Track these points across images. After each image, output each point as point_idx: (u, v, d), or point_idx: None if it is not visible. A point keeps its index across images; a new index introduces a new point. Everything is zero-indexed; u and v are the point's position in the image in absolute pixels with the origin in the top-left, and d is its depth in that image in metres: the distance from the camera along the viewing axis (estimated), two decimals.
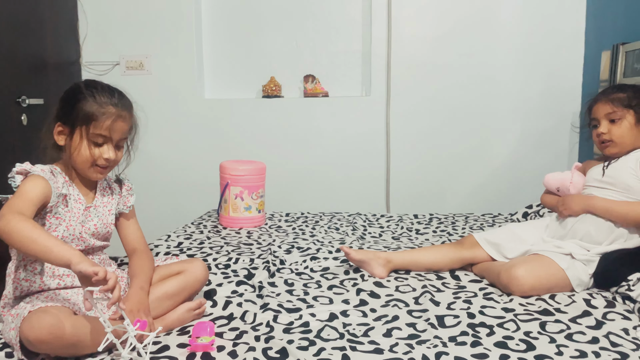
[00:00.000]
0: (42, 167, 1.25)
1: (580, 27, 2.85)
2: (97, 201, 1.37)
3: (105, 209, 1.38)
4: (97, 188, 1.39)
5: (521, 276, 1.49)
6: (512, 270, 1.51)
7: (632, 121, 1.67)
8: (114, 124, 1.28)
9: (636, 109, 1.67)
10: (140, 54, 3.07)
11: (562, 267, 1.52)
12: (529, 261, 1.56)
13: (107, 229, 1.38)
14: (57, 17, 2.88)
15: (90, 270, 1.01)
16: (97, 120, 1.26)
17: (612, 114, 1.69)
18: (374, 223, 2.47)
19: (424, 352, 1.16)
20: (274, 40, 3.08)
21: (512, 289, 1.50)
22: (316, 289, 1.59)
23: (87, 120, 1.26)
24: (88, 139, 1.27)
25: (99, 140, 1.28)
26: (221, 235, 2.23)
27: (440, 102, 2.97)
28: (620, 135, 1.68)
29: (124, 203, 1.45)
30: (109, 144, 1.29)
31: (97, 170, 1.31)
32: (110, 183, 1.44)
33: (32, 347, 1.05)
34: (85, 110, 1.26)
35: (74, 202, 1.30)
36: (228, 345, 1.20)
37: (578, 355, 1.15)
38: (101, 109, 1.26)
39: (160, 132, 3.08)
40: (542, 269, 1.52)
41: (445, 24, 2.92)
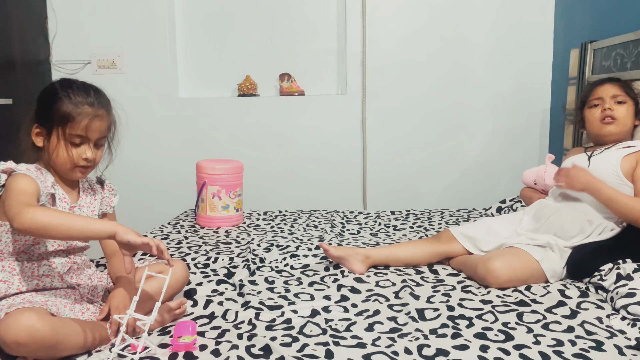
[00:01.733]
0: (27, 167, 1.22)
1: (549, 26, 2.92)
2: (81, 201, 1.34)
3: (89, 210, 1.36)
4: (81, 189, 1.36)
5: (497, 268, 1.52)
6: (488, 263, 1.55)
7: (632, 110, 1.77)
8: (91, 123, 1.25)
9: (636, 102, 1.78)
10: (112, 53, 3.02)
11: (536, 258, 1.56)
12: (504, 254, 1.59)
13: None
14: (25, 14, 2.80)
15: (139, 242, 1.10)
16: (73, 121, 1.23)
17: (619, 96, 1.77)
18: (351, 220, 2.49)
19: (406, 345, 1.18)
20: (249, 39, 3.06)
21: (489, 281, 1.53)
22: (297, 285, 1.59)
23: (63, 121, 1.23)
24: (65, 140, 1.24)
25: (77, 141, 1.26)
26: (199, 235, 2.21)
27: (414, 100, 3.00)
28: (624, 116, 1.76)
29: (107, 204, 1.42)
30: (87, 144, 1.27)
31: (78, 170, 1.28)
32: (91, 184, 1.41)
33: (9, 350, 1.02)
34: (61, 111, 1.23)
35: (59, 202, 1.27)
36: (210, 344, 1.19)
37: (555, 344, 1.18)
38: (77, 109, 1.24)
39: (134, 132, 3.02)
40: (517, 261, 1.56)
41: (418, 23, 2.96)
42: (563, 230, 1.67)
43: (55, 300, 1.18)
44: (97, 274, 1.38)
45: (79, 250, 1.33)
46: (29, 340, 1.00)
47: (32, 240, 1.22)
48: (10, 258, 1.21)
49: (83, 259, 1.35)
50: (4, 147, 2.42)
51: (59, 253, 1.28)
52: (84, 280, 1.31)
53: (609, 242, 1.61)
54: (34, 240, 1.22)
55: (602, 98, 1.79)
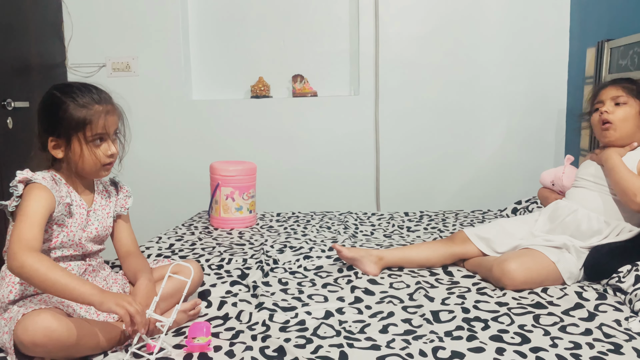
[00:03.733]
0: (43, 175, 1.22)
1: (565, 24, 2.89)
2: (96, 204, 1.35)
3: (104, 212, 1.37)
4: (95, 191, 1.37)
5: (513, 270, 1.51)
6: (504, 264, 1.53)
7: (636, 110, 1.71)
8: (107, 119, 1.27)
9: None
10: (126, 56, 3.05)
11: (552, 260, 1.54)
12: (520, 255, 1.57)
13: (106, 231, 1.37)
14: (42, 18, 2.84)
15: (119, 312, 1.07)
16: (90, 123, 1.24)
17: (618, 97, 1.72)
18: (365, 221, 2.48)
19: (421, 347, 1.17)
20: (262, 40, 3.07)
21: (505, 282, 1.51)
22: (310, 287, 1.59)
23: (80, 126, 1.24)
24: (88, 143, 1.25)
25: (98, 141, 1.27)
26: (213, 236, 2.22)
27: (428, 100, 2.98)
28: (622, 118, 1.71)
29: (122, 205, 1.43)
30: (107, 141, 1.28)
31: (104, 169, 1.30)
32: (105, 186, 1.42)
33: (26, 351, 1.03)
34: (75, 117, 1.23)
35: (76, 208, 1.28)
36: (225, 345, 1.19)
37: (572, 347, 1.16)
38: (90, 111, 1.24)
39: (148, 134, 3.05)
40: (533, 262, 1.54)
41: (431, 23, 2.94)
42: (579, 231, 1.65)
43: (71, 302, 1.19)
44: (112, 275, 1.39)
45: (94, 253, 1.34)
46: (45, 341, 1.02)
47: (48, 246, 1.23)
48: None
49: (98, 261, 1.36)
50: (22, 149, 2.46)
51: (75, 257, 1.29)
52: (100, 282, 1.32)
53: (627, 244, 1.58)
54: (50, 247, 1.23)
55: (603, 101, 1.75)
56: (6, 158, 2.41)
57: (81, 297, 1.08)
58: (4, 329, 1.11)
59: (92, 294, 1.08)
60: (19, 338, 1.02)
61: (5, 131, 2.46)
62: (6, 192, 1.32)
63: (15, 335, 1.02)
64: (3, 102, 2.45)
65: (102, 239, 1.37)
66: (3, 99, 2.45)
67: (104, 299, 1.08)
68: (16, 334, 1.02)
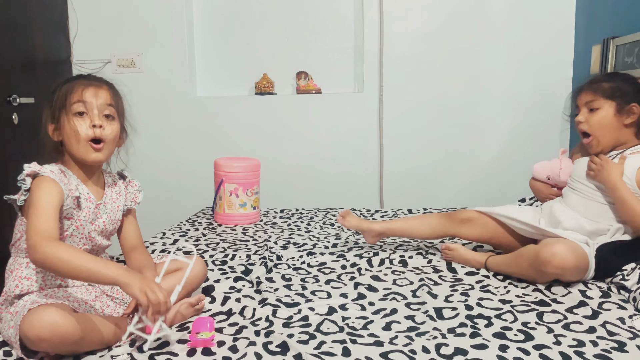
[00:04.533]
0: (51, 168, 1.22)
1: (570, 21, 2.87)
2: (106, 198, 1.35)
3: (114, 205, 1.37)
4: (105, 185, 1.37)
5: (564, 252, 1.44)
6: (554, 246, 1.46)
7: (611, 112, 1.62)
8: (86, 89, 1.26)
9: (618, 100, 1.62)
10: (131, 52, 3.05)
11: (586, 251, 1.51)
12: (564, 242, 1.50)
13: (114, 225, 1.37)
14: (47, 15, 2.85)
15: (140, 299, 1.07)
16: (71, 93, 1.25)
17: (591, 102, 1.65)
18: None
19: (424, 344, 1.17)
20: (266, 37, 3.07)
21: (555, 263, 1.44)
22: (314, 283, 1.59)
23: (63, 99, 1.25)
24: (70, 114, 1.24)
25: (80, 109, 1.25)
26: (216, 232, 2.23)
27: (432, 98, 2.98)
28: (598, 125, 1.64)
29: (133, 199, 1.44)
30: (92, 112, 1.26)
31: (92, 146, 1.26)
32: (115, 179, 1.42)
33: (32, 345, 1.04)
34: (60, 93, 1.26)
35: (84, 201, 1.28)
36: (228, 341, 1.20)
37: (576, 345, 1.16)
38: (72, 85, 1.27)
39: (152, 131, 3.06)
40: (577, 249, 1.48)
41: (436, 20, 2.93)
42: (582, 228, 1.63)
43: (77, 297, 1.20)
44: None
45: (102, 249, 1.35)
46: (51, 336, 1.02)
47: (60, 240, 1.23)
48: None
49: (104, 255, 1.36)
50: (28, 145, 2.47)
51: None
52: None
53: (632, 242, 1.58)
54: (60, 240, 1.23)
55: (579, 107, 1.70)
56: (12, 153, 2.42)
57: (108, 278, 1.09)
58: (9, 323, 1.11)
59: (118, 274, 1.09)
60: (24, 333, 1.02)
61: (11, 127, 2.47)
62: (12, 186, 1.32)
63: (21, 329, 1.03)
64: (9, 98, 2.46)
65: (110, 233, 1.37)
66: (9, 95, 2.46)
67: (130, 280, 1.08)
68: (22, 328, 1.03)
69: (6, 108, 2.46)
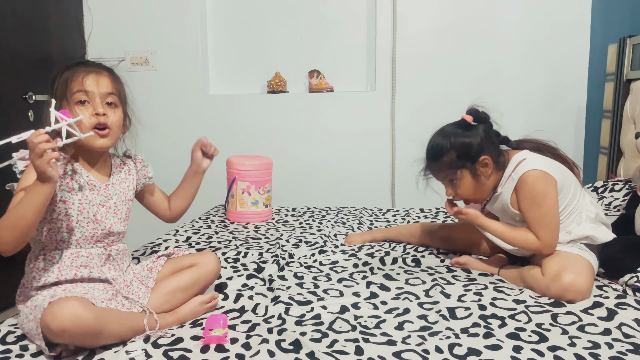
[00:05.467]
0: None
1: (586, 20, 2.84)
2: (113, 179, 1.36)
3: (123, 185, 1.38)
4: (113, 166, 1.38)
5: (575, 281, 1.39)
6: (561, 279, 1.39)
7: (469, 177, 1.59)
8: (87, 77, 1.25)
9: (467, 165, 1.57)
10: (145, 50, 3.07)
11: (585, 257, 1.48)
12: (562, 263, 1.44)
13: (126, 205, 1.37)
14: (63, 13, 2.88)
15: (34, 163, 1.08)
16: (72, 82, 1.24)
17: (447, 177, 1.62)
18: (380, 217, 2.47)
19: (437, 344, 1.17)
20: (279, 36, 3.07)
21: (571, 297, 1.39)
22: (326, 282, 1.59)
23: (64, 87, 1.25)
24: (72, 103, 1.24)
25: (81, 97, 1.25)
26: (229, 230, 2.24)
27: (445, 96, 2.96)
28: (467, 192, 1.61)
29: (144, 175, 1.46)
30: (94, 100, 1.26)
31: (97, 134, 1.26)
32: (123, 159, 1.43)
33: (54, 337, 1.05)
34: (61, 80, 1.26)
35: (84, 184, 1.28)
36: (241, 338, 1.20)
37: (591, 347, 1.15)
38: (73, 73, 1.26)
39: (165, 128, 3.08)
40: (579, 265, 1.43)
41: (450, 18, 2.92)
42: None
43: (93, 293, 1.21)
44: (132, 266, 1.41)
45: (116, 235, 1.34)
46: (72, 327, 1.03)
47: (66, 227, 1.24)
48: (51, 246, 1.25)
49: (120, 248, 1.37)
50: None
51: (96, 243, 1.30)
52: (120, 274, 1.34)
53: None
54: (67, 226, 1.25)
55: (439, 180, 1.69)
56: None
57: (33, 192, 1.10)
58: (28, 317, 1.13)
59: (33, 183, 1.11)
60: (46, 324, 1.03)
61: (27, 124, 2.50)
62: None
63: (43, 321, 1.04)
64: (25, 96, 2.49)
65: (125, 216, 1.37)
66: (25, 93, 2.50)
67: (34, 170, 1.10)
68: (44, 320, 1.04)
69: (22, 105, 2.49)
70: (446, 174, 1.62)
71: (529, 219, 1.52)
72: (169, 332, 1.22)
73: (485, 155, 1.57)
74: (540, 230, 1.50)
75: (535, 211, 1.51)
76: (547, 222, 1.50)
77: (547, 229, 1.50)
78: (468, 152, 1.57)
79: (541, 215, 1.50)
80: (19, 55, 2.50)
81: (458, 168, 1.58)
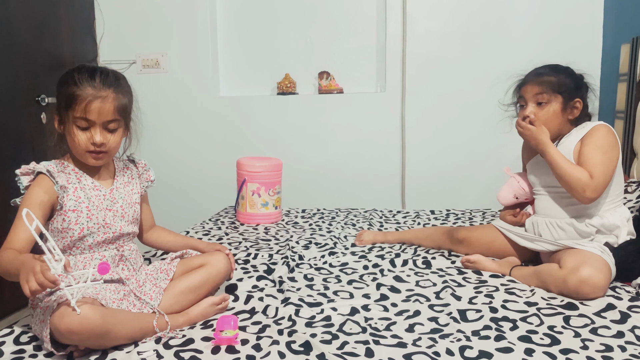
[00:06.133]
0: (49, 164, 1.27)
1: (598, 20, 2.82)
2: (117, 183, 1.37)
3: (127, 189, 1.39)
4: (116, 170, 1.40)
5: (593, 275, 1.38)
6: (579, 272, 1.39)
7: (558, 108, 1.65)
8: (90, 105, 1.23)
9: (565, 95, 1.64)
10: (156, 53, 3.10)
11: (604, 258, 1.46)
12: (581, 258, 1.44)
13: (133, 208, 1.39)
14: (74, 16, 2.91)
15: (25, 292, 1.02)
16: (75, 104, 1.23)
17: (539, 95, 1.65)
18: (390, 219, 2.47)
19: (448, 346, 1.16)
20: (288, 37, 3.08)
21: (587, 291, 1.38)
22: (336, 283, 1.59)
23: (68, 104, 1.24)
24: (73, 124, 1.25)
25: (83, 124, 1.25)
26: (239, 232, 2.24)
27: (455, 97, 2.95)
28: (546, 120, 1.65)
29: (146, 179, 1.47)
30: (95, 128, 1.25)
31: (91, 156, 1.27)
32: (126, 164, 1.45)
33: (62, 338, 1.06)
34: (66, 94, 1.24)
35: (90, 191, 1.30)
36: (252, 339, 1.21)
37: (604, 350, 1.14)
38: (78, 91, 1.23)
39: (176, 130, 3.10)
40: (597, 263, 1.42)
41: (460, 19, 2.90)
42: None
43: (105, 294, 1.22)
44: (144, 267, 1.42)
45: (127, 236, 1.36)
46: (81, 329, 1.04)
47: (78, 235, 1.26)
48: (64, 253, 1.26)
49: (132, 248, 1.38)
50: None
51: (108, 245, 1.31)
52: (133, 274, 1.35)
53: None
54: (79, 235, 1.26)
55: (525, 98, 1.69)
56: (40, 152, 2.48)
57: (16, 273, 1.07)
58: (40, 317, 1.14)
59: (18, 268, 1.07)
60: (55, 326, 1.05)
61: (39, 126, 2.52)
62: None
63: (52, 323, 1.05)
64: (37, 98, 2.52)
65: (133, 218, 1.39)
66: (37, 95, 2.52)
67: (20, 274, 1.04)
68: (52, 321, 1.05)
69: (35, 108, 2.52)
70: (543, 91, 1.65)
71: (590, 159, 1.56)
72: (179, 333, 1.23)
73: (580, 100, 1.66)
74: (596, 169, 1.54)
75: (598, 154, 1.56)
76: (605, 167, 1.55)
77: (603, 173, 1.54)
78: (572, 86, 1.66)
79: (603, 159, 1.56)
80: (31, 58, 2.52)
81: (556, 92, 1.64)
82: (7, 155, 2.34)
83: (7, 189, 2.26)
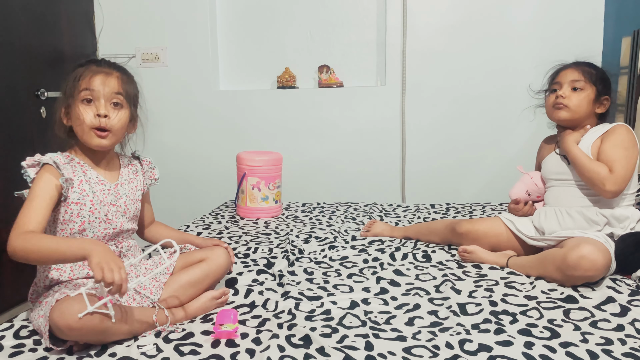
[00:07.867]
0: (55, 155, 1.26)
1: (599, 12, 2.80)
2: (122, 179, 1.37)
3: (132, 185, 1.39)
4: (121, 166, 1.40)
5: (593, 253, 1.40)
6: (582, 248, 1.42)
7: (591, 96, 1.71)
8: (94, 76, 1.26)
9: (599, 88, 1.71)
10: (155, 47, 3.08)
11: (608, 249, 1.48)
12: (588, 240, 1.46)
13: (135, 205, 1.39)
14: (74, 10, 2.89)
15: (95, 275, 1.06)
16: (81, 80, 1.26)
17: (577, 82, 1.71)
18: (390, 213, 2.47)
19: (447, 340, 1.16)
20: (288, 31, 3.07)
21: (585, 266, 1.40)
22: (336, 277, 1.59)
23: (74, 84, 1.26)
24: (77, 101, 1.26)
25: (87, 96, 1.26)
26: (239, 226, 2.24)
27: (455, 91, 2.94)
28: (578, 104, 1.71)
29: (150, 177, 1.47)
30: (99, 101, 1.26)
31: (96, 134, 1.27)
32: (130, 160, 1.45)
33: (61, 334, 1.06)
34: (71, 76, 1.28)
35: (95, 185, 1.30)
36: (252, 333, 1.21)
37: (604, 343, 1.14)
38: (82, 68, 1.28)
39: (176, 124, 3.09)
40: (603, 248, 1.45)
41: (460, 13, 2.89)
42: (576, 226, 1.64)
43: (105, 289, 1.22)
44: (144, 261, 1.42)
45: (126, 233, 1.36)
46: (80, 325, 1.04)
47: (78, 228, 1.26)
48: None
49: (130, 244, 1.38)
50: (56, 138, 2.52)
51: (108, 241, 1.31)
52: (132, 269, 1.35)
53: None
54: (79, 228, 1.26)
55: (560, 83, 1.75)
56: (40, 147, 2.47)
57: (76, 252, 1.10)
58: (39, 313, 1.14)
59: (83, 246, 1.10)
60: (54, 322, 1.05)
61: (39, 120, 2.52)
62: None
63: (51, 319, 1.05)
64: (36, 92, 2.51)
65: (133, 215, 1.39)
66: (36, 89, 2.52)
67: (93, 251, 1.08)
68: (52, 317, 1.05)
69: (34, 102, 2.51)
70: (581, 79, 1.71)
71: (611, 155, 1.62)
72: (179, 327, 1.23)
73: (609, 98, 1.74)
74: (616, 165, 1.59)
75: (620, 150, 1.62)
76: (626, 162, 1.60)
77: (624, 167, 1.59)
78: (606, 83, 1.74)
79: (624, 155, 1.61)
80: (31, 52, 2.51)
81: (593, 82, 1.71)
82: (7, 149, 2.33)
83: (8, 182, 2.26)
